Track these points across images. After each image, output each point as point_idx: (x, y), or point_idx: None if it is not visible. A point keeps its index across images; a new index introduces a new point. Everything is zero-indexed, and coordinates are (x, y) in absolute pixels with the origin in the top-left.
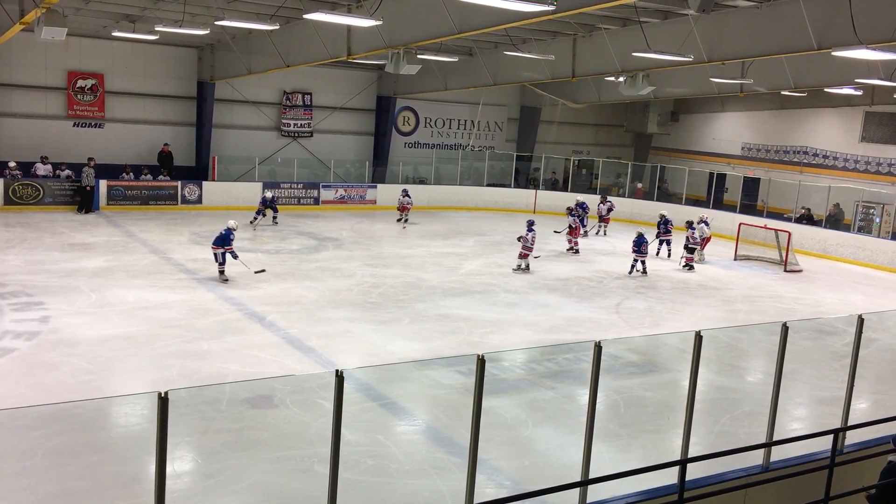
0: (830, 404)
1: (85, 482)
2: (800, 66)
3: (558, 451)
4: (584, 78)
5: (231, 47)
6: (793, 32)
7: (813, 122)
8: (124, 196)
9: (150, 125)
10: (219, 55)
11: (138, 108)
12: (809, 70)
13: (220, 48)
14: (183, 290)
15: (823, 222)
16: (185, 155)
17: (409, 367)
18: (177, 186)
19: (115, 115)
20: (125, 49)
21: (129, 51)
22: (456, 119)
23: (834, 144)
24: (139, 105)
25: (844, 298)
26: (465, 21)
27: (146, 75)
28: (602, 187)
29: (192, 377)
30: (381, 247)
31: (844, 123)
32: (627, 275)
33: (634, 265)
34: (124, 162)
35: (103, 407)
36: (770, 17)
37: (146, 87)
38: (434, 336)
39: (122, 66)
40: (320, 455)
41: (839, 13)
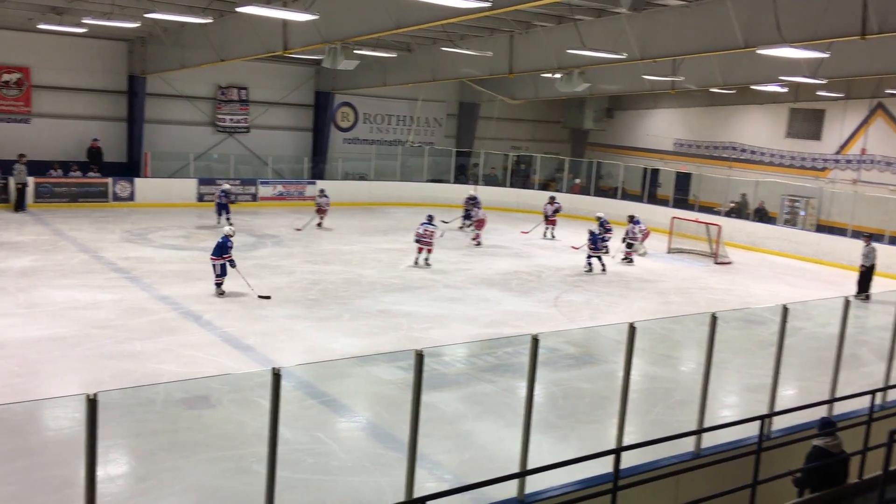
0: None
1: (14, 487)
2: (728, 64)
3: (498, 443)
4: (521, 74)
5: (163, 41)
6: (720, 31)
7: (741, 118)
8: (52, 193)
9: (79, 120)
10: (150, 49)
11: (67, 103)
12: (737, 68)
13: (151, 41)
14: (115, 290)
15: (751, 216)
16: (116, 151)
17: (350, 363)
18: (108, 183)
19: (43, 110)
20: (52, 42)
21: (56, 44)
22: (395, 115)
23: (761, 140)
24: (67, 100)
25: (771, 289)
26: (403, 17)
27: (75, 69)
28: (541, 183)
29: (126, 378)
30: (320, 243)
31: (771, 120)
32: (585, 271)
33: (591, 261)
34: (52, 158)
35: (32, 410)
36: (699, 16)
37: (75, 81)
38: (375, 332)
39: (49, 59)
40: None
41: (764, 13)
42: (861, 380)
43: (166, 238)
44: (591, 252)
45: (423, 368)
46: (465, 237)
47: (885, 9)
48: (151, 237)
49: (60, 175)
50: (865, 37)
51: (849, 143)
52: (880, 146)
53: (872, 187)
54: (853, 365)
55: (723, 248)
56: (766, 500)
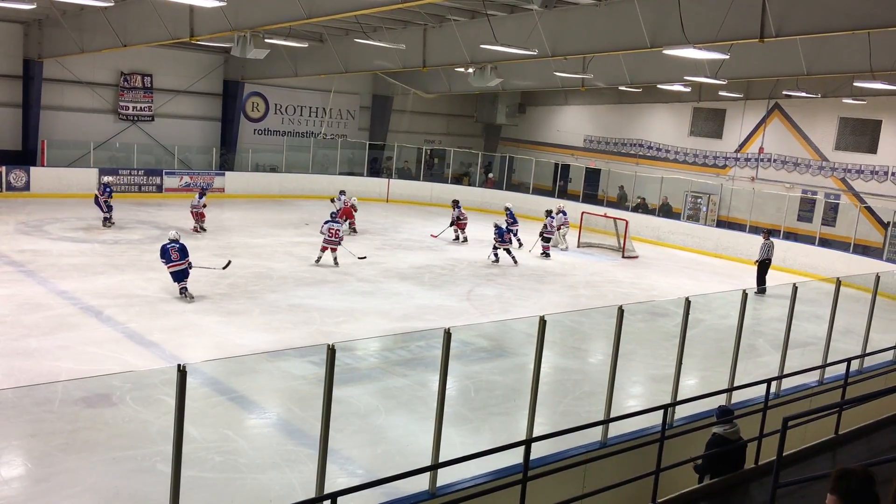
0: (662, 381)
1: None
2: (635, 63)
3: (411, 437)
4: (434, 68)
5: (61, 23)
6: (628, 31)
7: (648, 116)
8: None
9: None
10: (47, 32)
11: None
12: (644, 67)
13: (48, 24)
14: (9, 284)
15: (657, 211)
16: (10, 138)
17: (260, 358)
18: (1, 172)
19: None
20: None
21: None
22: (307, 106)
23: (666, 138)
24: None
25: (675, 282)
26: (315, 6)
27: None
28: (454, 177)
29: (20, 377)
30: (230, 236)
31: (675, 118)
32: (492, 262)
33: (497, 253)
34: None
35: None
36: (607, 16)
37: None
38: (286, 327)
39: None
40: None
41: (670, 14)
42: (757, 369)
43: (64, 230)
44: (498, 244)
45: (335, 363)
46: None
47: (783, 13)
48: (48, 229)
49: None
50: (764, 40)
51: (748, 142)
52: (777, 145)
53: (769, 185)
54: (750, 355)
55: (630, 242)
56: (669, 487)
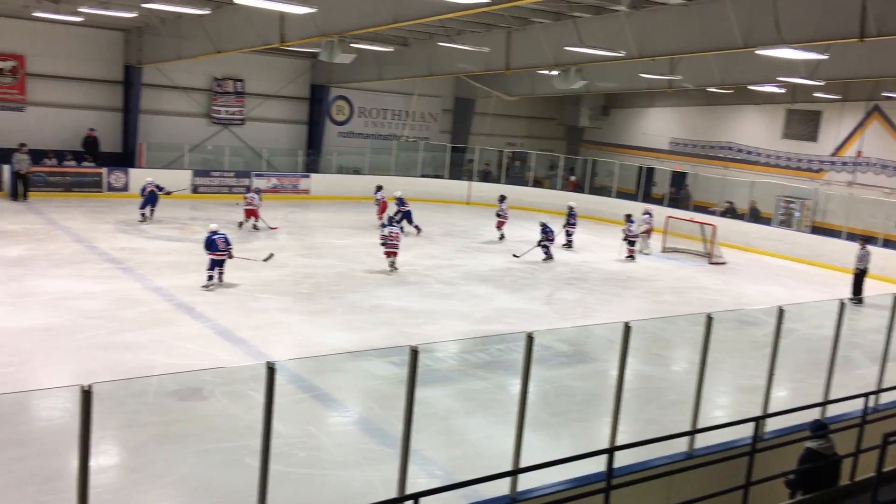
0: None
1: (5, 477)
2: (726, 63)
3: (490, 440)
4: (518, 71)
5: (160, 31)
6: (719, 31)
7: (738, 118)
8: (46, 182)
9: (74, 109)
10: (147, 39)
11: (62, 92)
12: (735, 67)
13: (148, 32)
14: (108, 280)
15: (746, 216)
16: (111, 141)
17: (342, 358)
18: (102, 173)
19: (37, 99)
20: (48, 30)
21: (51, 32)
22: (390, 109)
23: (757, 140)
24: (63, 89)
25: (765, 290)
26: (401, 11)
27: (70, 58)
28: (536, 180)
29: (117, 369)
30: (314, 237)
31: (767, 120)
32: (542, 261)
33: (547, 250)
34: (47, 147)
35: (24, 401)
36: (698, 16)
37: (70, 70)
38: (367, 327)
39: (45, 47)
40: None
41: (764, 13)
42: (854, 382)
43: (160, 229)
44: (548, 242)
45: (417, 364)
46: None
47: (884, 11)
48: (145, 228)
49: (55, 164)
50: (864, 39)
51: (845, 146)
52: (876, 149)
53: (867, 190)
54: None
55: (717, 248)
56: (759, 502)
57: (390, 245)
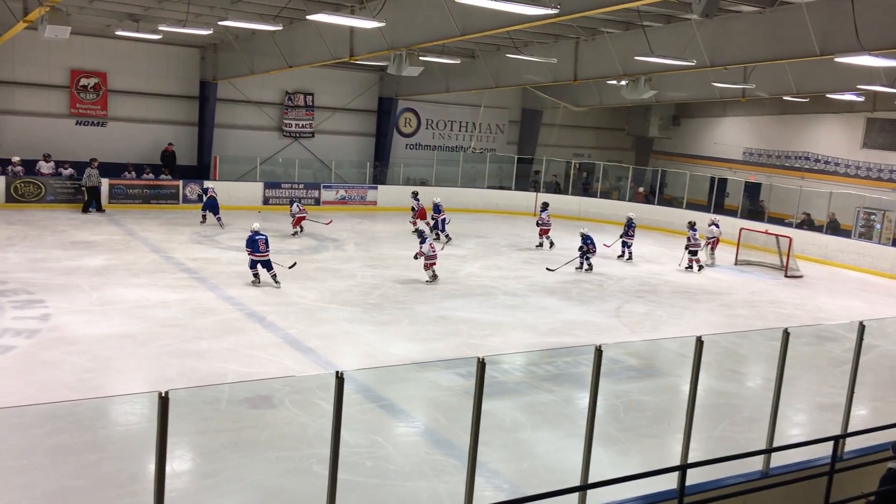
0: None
1: (83, 481)
2: (802, 71)
3: (557, 454)
4: (585, 81)
5: (234, 47)
6: (795, 38)
7: (815, 127)
8: (126, 195)
9: (152, 124)
10: (221, 55)
11: (141, 108)
12: (812, 75)
13: (222, 48)
14: (183, 290)
15: (824, 228)
16: (187, 154)
17: (409, 368)
18: (178, 186)
19: (118, 114)
20: (128, 48)
21: (132, 50)
22: (457, 121)
23: (835, 150)
24: (142, 104)
25: (844, 304)
26: (468, 23)
27: (149, 74)
28: (603, 191)
29: (192, 376)
30: (381, 248)
31: (846, 129)
32: (584, 271)
33: (584, 261)
34: (127, 161)
35: (102, 406)
36: (772, 23)
37: (149, 86)
38: (433, 338)
39: (125, 65)
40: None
41: (842, 19)
42: None
43: (232, 240)
44: (590, 253)
45: (484, 376)
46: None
47: None
48: (219, 239)
49: (133, 177)
50: None
51: None
52: None
53: None
54: None
55: (794, 260)
56: None
57: (431, 258)
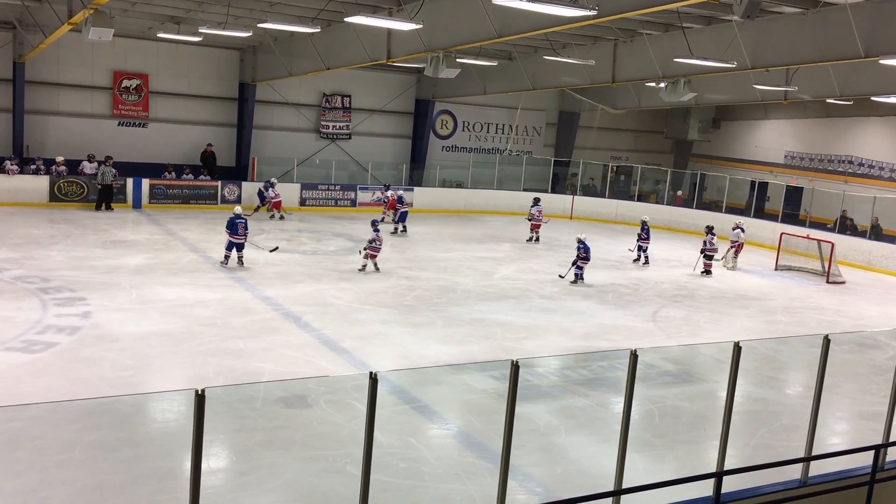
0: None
1: (121, 476)
2: (846, 73)
3: (591, 459)
4: (624, 83)
5: (272, 49)
6: (839, 40)
7: (859, 130)
8: (165, 195)
9: (192, 125)
10: (260, 57)
11: (181, 109)
12: (856, 78)
13: (261, 50)
14: (221, 289)
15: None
16: (225, 155)
17: (443, 370)
18: (217, 186)
19: (159, 115)
20: (169, 50)
21: (172, 52)
22: (494, 123)
23: (880, 154)
24: (182, 105)
25: (888, 311)
26: (506, 25)
27: (189, 76)
28: (641, 194)
29: (228, 375)
30: (416, 250)
31: (891, 133)
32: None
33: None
34: (167, 161)
35: (141, 402)
36: (816, 24)
37: (189, 87)
38: (468, 340)
39: (166, 66)
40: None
41: (888, 20)
42: None
43: (269, 241)
44: (581, 262)
45: (518, 379)
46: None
47: None
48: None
49: (173, 177)
50: None
51: None
52: None
53: None
54: None
55: (836, 266)
56: None
57: (374, 248)
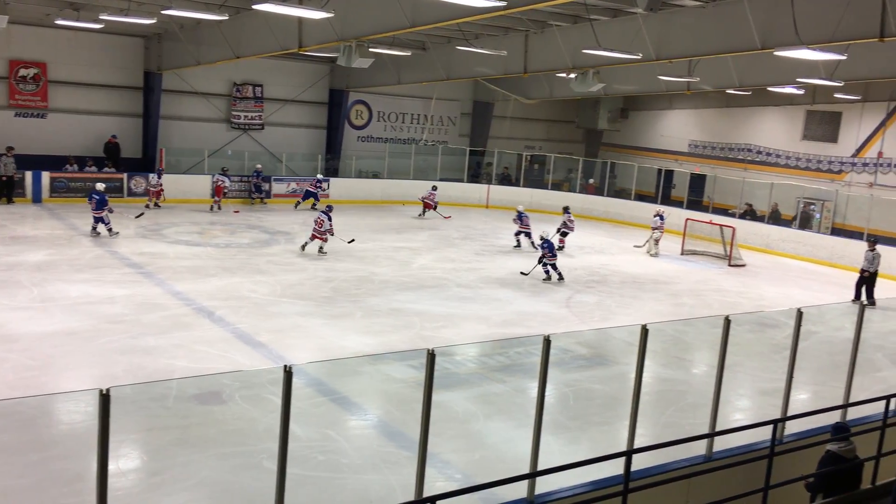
0: (772, 395)
1: (27, 480)
2: (744, 65)
3: (509, 443)
4: (536, 74)
5: (179, 37)
6: (737, 32)
7: (757, 120)
8: (68, 188)
9: (95, 116)
10: (166, 45)
11: (83, 99)
12: (754, 69)
13: (167, 38)
14: (128, 285)
15: (766, 218)
16: (131, 147)
17: (361, 361)
18: (122, 179)
19: (59, 106)
20: (69, 38)
21: (73, 39)
22: (409, 113)
23: (777, 142)
24: (84, 95)
25: (786, 292)
26: (418, 15)
27: (91, 65)
28: (555, 183)
29: (139, 373)
30: (333, 241)
31: (787, 122)
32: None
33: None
34: (69, 153)
35: (46, 404)
36: (715, 17)
37: (91, 76)
38: (387, 330)
39: (66, 55)
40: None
41: (782, 14)
42: (876, 385)
43: (180, 234)
44: (548, 259)
45: (434, 368)
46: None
47: None
48: (165, 233)
49: (76, 170)
50: (884, 39)
51: (866, 147)
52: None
53: (889, 191)
54: (868, 370)
55: (737, 250)
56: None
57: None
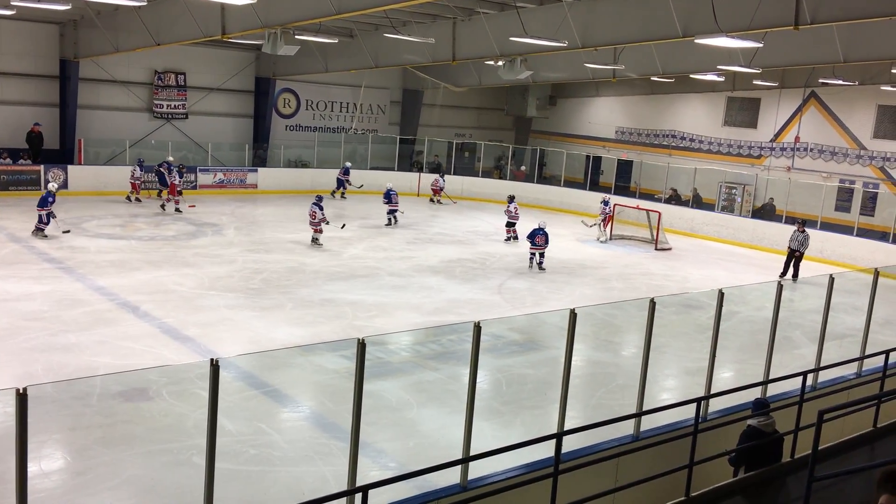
0: (697, 374)
1: None
2: (667, 52)
3: (443, 430)
4: (464, 62)
5: (96, 24)
6: (660, 20)
7: (681, 106)
8: None
9: (9, 106)
10: (82, 32)
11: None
12: (676, 57)
13: (83, 24)
14: (48, 281)
15: (690, 202)
16: (49, 138)
17: (293, 353)
18: (39, 171)
19: None
20: None
21: None
22: (338, 102)
23: (700, 128)
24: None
25: (709, 274)
26: (344, 2)
27: (4, 53)
28: (485, 170)
29: (60, 371)
30: (262, 232)
31: (709, 108)
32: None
33: (533, 258)
34: None
35: None
36: (639, 5)
37: (4, 65)
38: (318, 321)
39: None
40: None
41: (702, 2)
42: (794, 361)
43: (101, 227)
44: (534, 249)
45: (365, 357)
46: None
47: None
48: (86, 226)
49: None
50: (798, 27)
51: (783, 132)
52: (813, 134)
53: (806, 174)
54: (787, 347)
55: (663, 234)
56: (703, 480)
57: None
